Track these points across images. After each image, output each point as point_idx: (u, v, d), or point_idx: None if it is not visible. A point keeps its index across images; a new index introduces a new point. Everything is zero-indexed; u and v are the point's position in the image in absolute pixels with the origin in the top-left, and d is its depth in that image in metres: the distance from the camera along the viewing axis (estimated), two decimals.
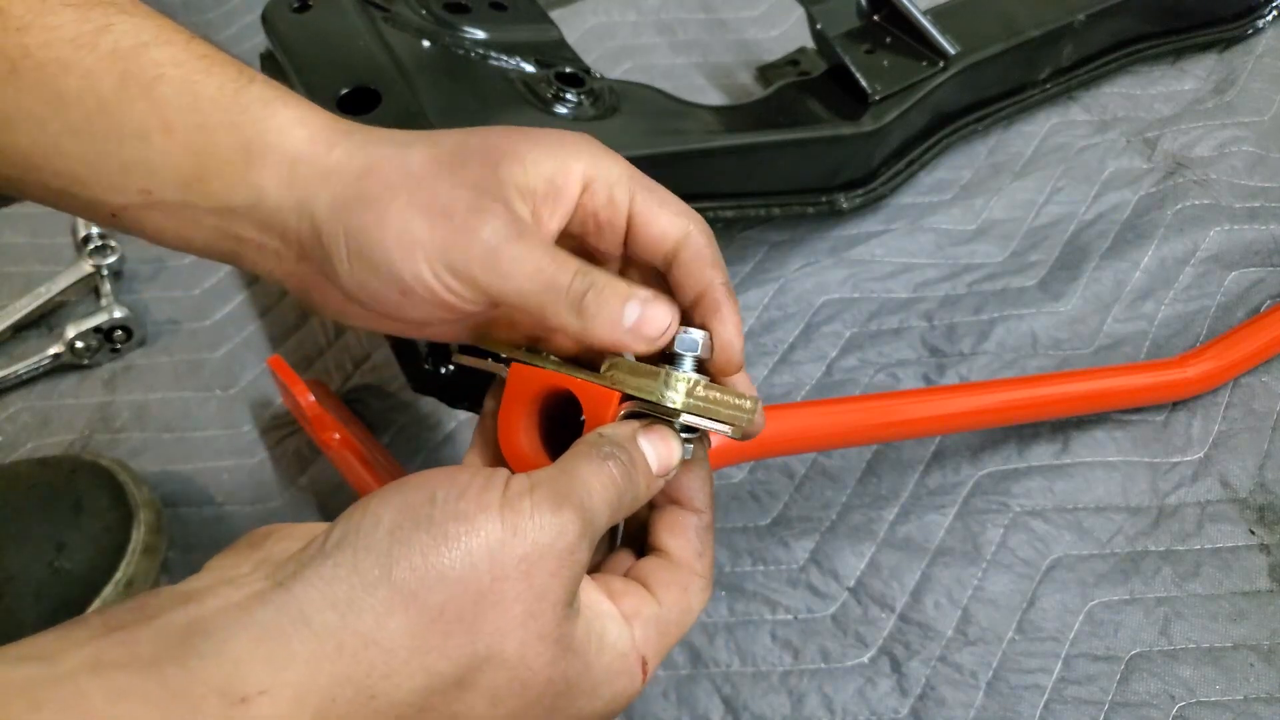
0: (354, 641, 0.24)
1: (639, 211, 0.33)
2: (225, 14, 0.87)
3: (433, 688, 0.25)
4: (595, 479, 0.29)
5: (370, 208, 0.31)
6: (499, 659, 0.26)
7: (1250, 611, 0.51)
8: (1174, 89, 0.78)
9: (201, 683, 0.23)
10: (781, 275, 0.65)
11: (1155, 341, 0.62)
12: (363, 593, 0.25)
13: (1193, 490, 0.55)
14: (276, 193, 0.32)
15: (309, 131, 0.32)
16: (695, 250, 0.33)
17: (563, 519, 0.27)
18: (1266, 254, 0.66)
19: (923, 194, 0.71)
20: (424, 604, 0.25)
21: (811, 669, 0.49)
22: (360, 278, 0.31)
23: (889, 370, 0.60)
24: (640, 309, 0.31)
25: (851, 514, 0.55)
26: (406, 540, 0.25)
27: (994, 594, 0.51)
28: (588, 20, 0.85)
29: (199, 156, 0.32)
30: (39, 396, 0.62)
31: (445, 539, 0.26)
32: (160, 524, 0.54)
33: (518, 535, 0.26)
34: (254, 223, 0.32)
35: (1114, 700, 0.48)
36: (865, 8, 0.68)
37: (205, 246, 0.34)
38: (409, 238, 0.30)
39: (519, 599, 0.26)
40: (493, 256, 0.30)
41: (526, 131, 0.33)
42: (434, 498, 0.26)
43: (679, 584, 0.32)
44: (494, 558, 0.26)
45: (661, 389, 0.30)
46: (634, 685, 0.30)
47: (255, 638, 0.24)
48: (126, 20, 0.32)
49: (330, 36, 0.52)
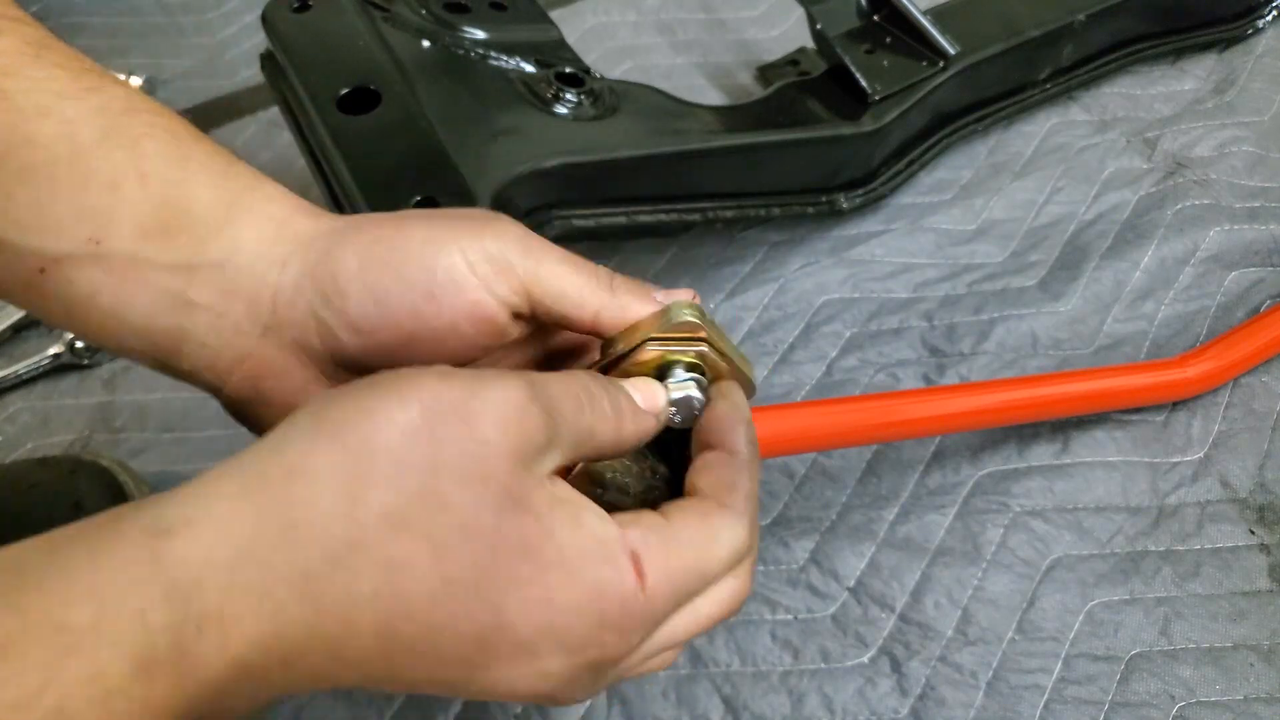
0: (278, 473, 0.24)
1: None
2: (225, 14, 0.87)
3: (360, 521, 0.24)
4: (555, 379, 0.28)
5: (384, 224, 0.31)
6: (434, 497, 0.24)
7: (1250, 611, 0.51)
8: (1174, 89, 0.78)
9: (127, 520, 0.23)
10: (781, 275, 0.65)
11: (1155, 341, 0.62)
12: (288, 427, 0.25)
13: (1193, 490, 0.55)
14: (255, 248, 0.31)
15: (294, 204, 0.32)
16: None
17: (509, 380, 0.26)
18: (1266, 254, 0.66)
19: (923, 194, 0.71)
20: (350, 438, 0.24)
21: (811, 669, 0.49)
22: (377, 287, 0.30)
23: (889, 370, 0.60)
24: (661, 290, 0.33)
25: (851, 514, 0.55)
26: (343, 391, 0.25)
27: (994, 594, 0.51)
28: (588, 20, 0.85)
29: (172, 209, 0.30)
30: (39, 396, 0.62)
31: (377, 385, 0.25)
32: None
33: (456, 383, 0.25)
34: (217, 285, 0.31)
35: (1114, 700, 0.48)
36: (865, 8, 0.68)
37: (146, 314, 0.31)
38: (438, 233, 0.30)
39: (456, 441, 0.24)
40: (525, 245, 0.30)
41: None
42: (369, 383, 0.26)
43: (697, 510, 0.29)
44: (427, 403, 0.25)
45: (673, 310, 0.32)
46: (622, 581, 0.26)
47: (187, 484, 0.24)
48: (119, 88, 0.31)
49: (330, 36, 0.52)
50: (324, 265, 0.30)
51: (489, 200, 0.47)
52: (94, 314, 0.31)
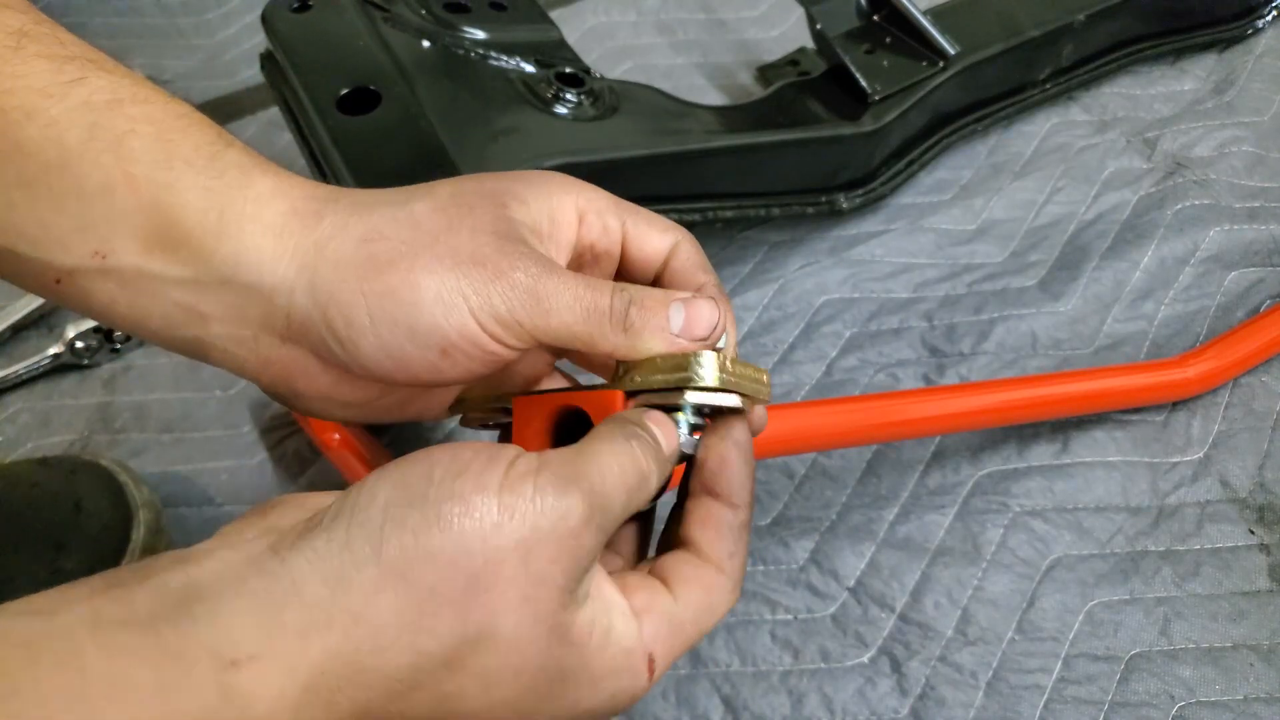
0: (344, 618, 0.24)
1: (631, 234, 0.33)
2: (225, 14, 0.87)
3: (421, 666, 0.25)
4: (615, 459, 0.28)
5: (391, 271, 0.29)
6: (490, 642, 0.26)
7: (1250, 611, 0.51)
8: (1174, 89, 0.78)
9: (195, 643, 0.23)
10: (781, 275, 0.65)
11: (1155, 341, 0.62)
12: (353, 570, 0.25)
13: (1193, 490, 0.55)
14: (257, 266, 0.30)
15: (289, 203, 0.31)
16: (685, 257, 0.34)
17: (567, 502, 0.26)
18: (1266, 254, 0.66)
19: (923, 194, 0.71)
20: (413, 584, 0.25)
21: (811, 669, 0.49)
22: (391, 346, 0.30)
23: (889, 370, 0.60)
24: (685, 310, 0.31)
25: (851, 514, 0.55)
26: (399, 519, 0.25)
27: (994, 594, 0.51)
28: (588, 20, 0.85)
29: (166, 218, 0.29)
30: (39, 396, 0.62)
31: (438, 519, 0.25)
32: (160, 524, 0.54)
33: (515, 518, 0.25)
34: (226, 301, 0.30)
35: (1114, 700, 0.48)
36: (865, 8, 0.68)
37: (164, 325, 0.31)
38: (448, 293, 0.29)
39: (513, 583, 0.25)
40: (533, 296, 0.29)
41: (512, 175, 0.33)
42: (431, 476, 0.26)
43: (701, 582, 0.30)
44: (487, 541, 0.25)
45: (696, 369, 0.30)
46: (637, 683, 0.29)
47: (248, 603, 0.24)
48: (104, 77, 0.30)
49: (330, 36, 0.52)
50: (334, 308, 0.30)
51: None
52: (117, 320, 0.31)
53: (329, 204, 0.31)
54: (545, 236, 0.32)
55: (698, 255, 0.34)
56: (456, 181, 0.32)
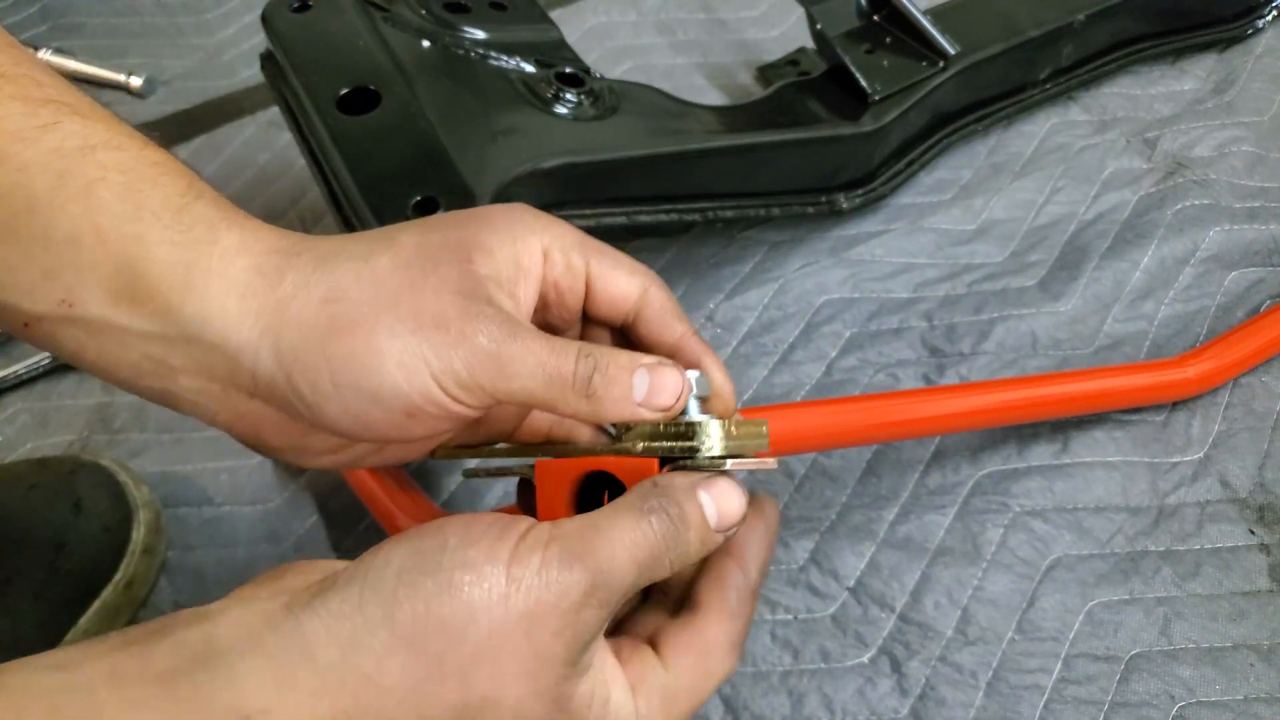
0: (353, 679, 0.25)
1: (596, 274, 0.33)
2: (225, 14, 0.87)
3: None
4: (627, 534, 0.28)
5: (353, 334, 0.29)
6: (493, 712, 0.26)
7: (1250, 611, 0.51)
8: (1174, 89, 0.78)
9: (210, 698, 0.24)
10: (781, 275, 0.65)
11: (1155, 341, 0.62)
12: (365, 633, 0.25)
13: (1193, 490, 0.55)
14: (224, 328, 0.30)
15: (253, 259, 0.30)
16: (658, 305, 0.33)
17: (571, 577, 0.26)
18: (1266, 254, 0.66)
19: (923, 194, 0.71)
20: (422, 651, 0.25)
21: (811, 669, 0.49)
22: (355, 409, 0.30)
23: (889, 370, 0.60)
24: (649, 378, 0.30)
25: (851, 514, 0.55)
26: (412, 585, 0.26)
27: (994, 594, 0.51)
28: (588, 20, 0.85)
29: (133, 271, 0.29)
30: (38, 397, 0.62)
31: (449, 587, 0.26)
32: (160, 524, 0.54)
33: (521, 590, 0.26)
34: (193, 357, 0.30)
35: (1114, 700, 0.48)
36: (865, 8, 0.68)
37: (132, 375, 0.31)
38: (409, 358, 0.29)
39: (516, 655, 0.26)
40: (495, 361, 0.29)
41: (477, 217, 0.32)
42: (446, 544, 0.26)
43: (697, 650, 0.30)
44: (494, 612, 0.26)
45: (703, 439, 0.29)
46: None
47: (262, 661, 0.25)
48: (78, 121, 0.30)
49: (330, 36, 0.52)
50: (298, 372, 0.29)
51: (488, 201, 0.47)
52: (86, 366, 0.31)
53: (292, 258, 0.30)
54: (511, 282, 0.31)
55: (670, 302, 0.33)
56: (421, 229, 0.31)
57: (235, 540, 0.56)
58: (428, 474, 0.58)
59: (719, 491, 0.29)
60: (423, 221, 0.32)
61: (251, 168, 0.74)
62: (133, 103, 0.80)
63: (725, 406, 0.33)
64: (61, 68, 0.80)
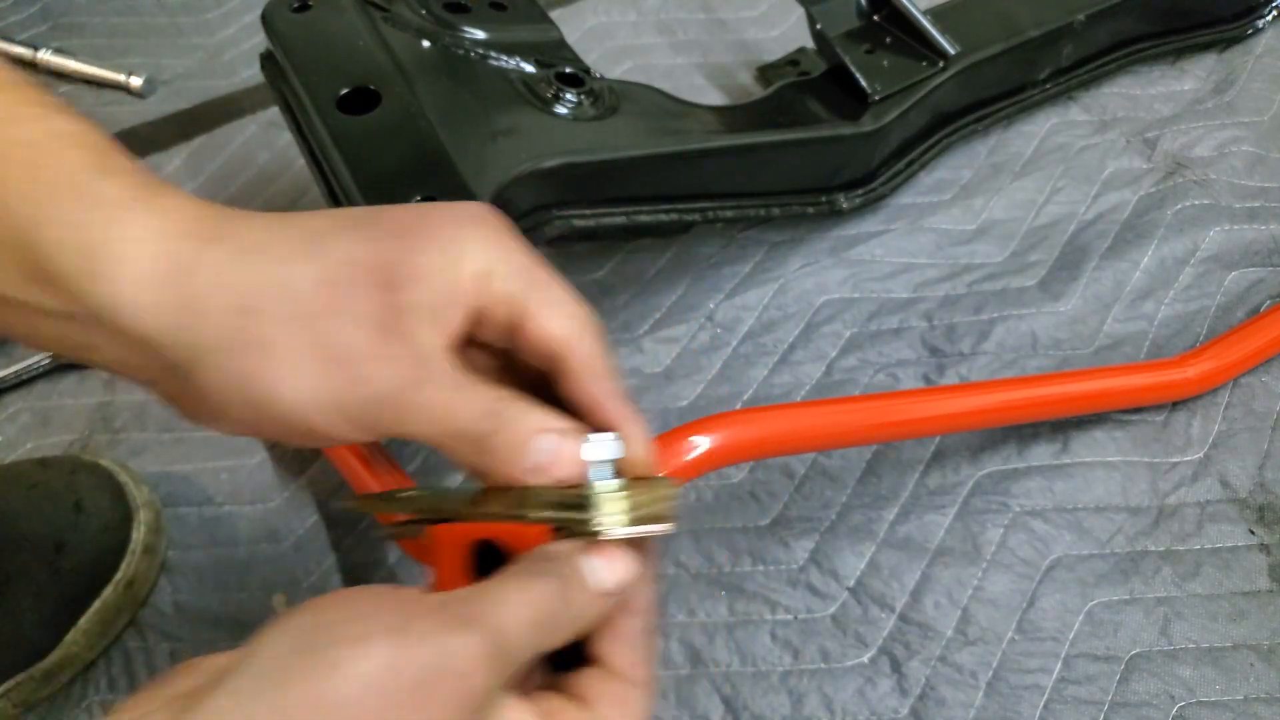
0: None
1: (531, 308, 0.31)
2: (225, 14, 0.87)
3: None
4: (516, 596, 0.27)
5: (260, 355, 0.29)
6: None
7: (1250, 611, 0.51)
8: (1174, 89, 0.78)
9: None
10: (781, 275, 0.65)
11: (1155, 341, 0.62)
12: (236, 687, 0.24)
13: (1193, 490, 0.55)
14: (134, 318, 0.29)
15: (164, 246, 0.29)
16: (582, 360, 0.31)
17: (459, 642, 0.26)
18: (1266, 254, 0.66)
19: (923, 194, 0.71)
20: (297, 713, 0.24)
21: (811, 669, 0.49)
22: (253, 420, 0.30)
23: (889, 370, 0.60)
24: (550, 449, 0.29)
25: (851, 514, 0.55)
26: (296, 668, 0.25)
27: (994, 594, 0.51)
28: (588, 20, 0.85)
29: (38, 253, 0.28)
30: (39, 397, 0.62)
31: (335, 666, 0.25)
32: (160, 524, 0.54)
33: (410, 660, 0.25)
34: (112, 340, 0.29)
35: (1114, 700, 0.48)
36: (865, 8, 0.68)
37: (60, 349, 0.31)
38: (308, 392, 0.29)
39: None
40: (395, 407, 0.29)
41: (418, 224, 0.31)
42: (330, 622, 0.26)
43: (618, 696, 0.30)
44: (382, 685, 0.25)
45: (594, 514, 0.29)
46: None
47: None
48: None
49: (330, 36, 0.52)
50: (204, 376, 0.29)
51: (489, 200, 0.47)
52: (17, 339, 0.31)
53: (210, 246, 0.29)
54: (439, 308, 0.30)
55: (597, 358, 0.32)
56: (355, 239, 0.30)
57: (235, 540, 0.56)
58: (400, 445, 0.58)
59: (603, 557, 0.29)
60: (359, 224, 0.31)
61: (251, 167, 0.74)
62: (133, 103, 0.80)
63: (637, 474, 0.31)
64: (62, 67, 0.81)
